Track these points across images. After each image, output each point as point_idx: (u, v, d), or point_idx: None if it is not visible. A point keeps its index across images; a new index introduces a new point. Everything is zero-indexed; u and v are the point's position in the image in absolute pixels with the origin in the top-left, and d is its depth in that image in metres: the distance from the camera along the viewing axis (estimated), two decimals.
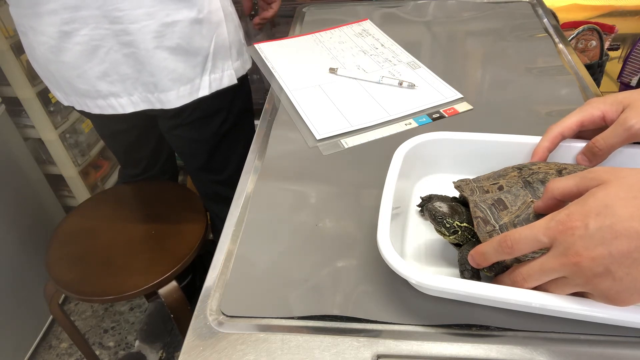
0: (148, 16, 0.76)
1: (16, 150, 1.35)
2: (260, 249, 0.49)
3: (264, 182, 0.58)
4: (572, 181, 0.37)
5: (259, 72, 0.93)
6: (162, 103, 0.86)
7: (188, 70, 0.83)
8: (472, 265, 0.41)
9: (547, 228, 0.35)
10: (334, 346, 0.40)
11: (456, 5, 0.97)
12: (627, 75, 1.39)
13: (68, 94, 0.88)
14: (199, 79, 0.85)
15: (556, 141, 0.49)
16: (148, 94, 0.85)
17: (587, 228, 0.33)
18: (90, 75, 0.82)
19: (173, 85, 0.84)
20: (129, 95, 0.85)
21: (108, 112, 0.87)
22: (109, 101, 0.86)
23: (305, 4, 1.05)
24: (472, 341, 0.40)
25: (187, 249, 0.96)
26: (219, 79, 0.88)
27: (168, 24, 0.77)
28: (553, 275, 0.36)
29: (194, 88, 0.86)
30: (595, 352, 0.38)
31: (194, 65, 0.83)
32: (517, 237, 0.36)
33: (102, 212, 1.09)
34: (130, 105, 0.86)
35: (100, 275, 0.94)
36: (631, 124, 0.44)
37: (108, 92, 0.84)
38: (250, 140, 1.06)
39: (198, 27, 0.80)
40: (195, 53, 0.82)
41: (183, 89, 0.85)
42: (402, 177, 0.49)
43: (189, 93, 0.86)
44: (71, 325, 1.11)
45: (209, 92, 0.87)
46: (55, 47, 0.79)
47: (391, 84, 0.74)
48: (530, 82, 0.72)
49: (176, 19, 0.78)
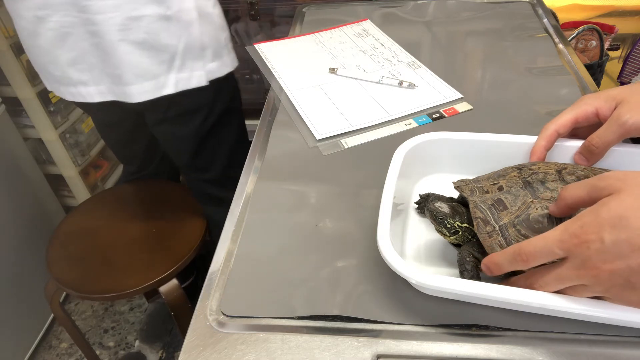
0: (114, 8, 0.76)
1: (16, 150, 1.35)
2: (260, 249, 0.50)
3: (264, 182, 0.58)
4: (584, 190, 0.36)
5: (259, 72, 0.93)
6: (126, 96, 0.85)
7: (153, 66, 0.82)
8: (487, 274, 0.40)
9: (561, 241, 0.34)
10: (334, 346, 0.40)
11: (456, 5, 0.97)
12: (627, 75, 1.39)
13: (47, 80, 0.90)
14: (165, 76, 0.84)
15: (552, 139, 0.48)
16: (113, 85, 0.85)
17: (602, 242, 0.32)
18: (61, 61, 0.83)
19: (136, 80, 0.83)
20: (96, 85, 0.86)
21: (78, 99, 0.88)
22: (78, 89, 0.87)
23: (305, 4, 1.05)
24: (472, 341, 0.40)
25: (187, 248, 0.96)
26: (187, 78, 0.86)
27: (134, 18, 0.77)
28: (570, 284, 0.36)
29: (158, 85, 0.84)
30: (595, 352, 0.38)
31: (160, 62, 0.82)
32: (531, 250, 0.36)
33: (102, 212, 1.09)
34: (98, 94, 0.87)
35: (101, 273, 0.95)
36: (625, 119, 0.44)
37: (77, 80, 0.85)
38: (238, 140, 1.05)
39: (166, 24, 0.80)
40: (161, 50, 0.81)
41: (147, 85, 0.84)
42: (402, 177, 0.49)
43: (152, 89, 0.84)
44: (72, 324, 1.11)
45: (174, 91, 0.86)
46: (32, 32, 0.81)
47: (391, 84, 0.74)
48: (530, 82, 0.72)
49: (143, 14, 0.77)
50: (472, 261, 0.42)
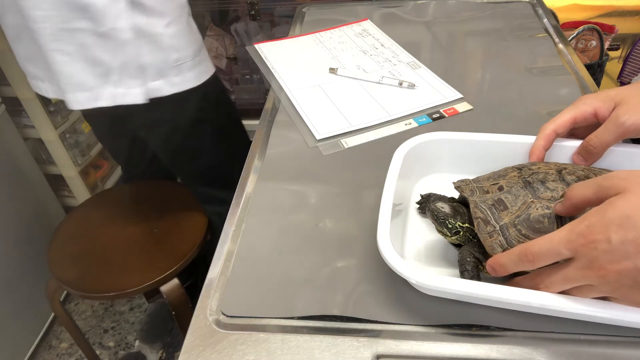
0: (46, 18, 0.76)
1: (16, 150, 1.35)
2: (260, 249, 0.50)
3: (264, 182, 0.58)
4: (591, 190, 0.36)
5: (259, 72, 0.93)
6: (66, 102, 0.85)
7: (88, 78, 0.81)
8: (491, 275, 0.40)
9: (568, 241, 0.34)
10: (334, 346, 0.40)
11: (456, 5, 0.97)
12: (627, 75, 1.39)
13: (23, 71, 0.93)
14: (99, 89, 0.83)
15: (551, 139, 0.48)
16: (58, 88, 0.86)
17: (609, 242, 0.32)
18: (20, 56, 0.87)
19: (72, 89, 0.83)
20: (50, 82, 0.87)
21: (39, 92, 0.91)
22: (36, 82, 0.90)
23: (305, 4, 1.05)
24: (472, 341, 0.40)
25: (188, 247, 0.96)
26: (123, 94, 0.85)
27: (66, 30, 0.77)
28: (577, 284, 0.36)
29: (93, 96, 0.84)
30: (595, 352, 0.38)
31: (95, 75, 0.82)
32: (537, 250, 0.36)
33: (103, 212, 1.09)
34: (52, 92, 0.88)
35: (101, 272, 0.95)
36: (623, 120, 0.44)
37: (34, 75, 0.88)
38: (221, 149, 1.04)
39: (99, 40, 0.78)
40: (96, 63, 0.80)
41: (81, 95, 0.83)
42: (402, 177, 0.49)
43: (87, 100, 0.84)
44: (72, 323, 1.11)
45: (112, 104, 0.85)
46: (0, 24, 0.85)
47: (391, 84, 0.74)
48: (530, 82, 0.72)
49: (75, 27, 0.77)
50: (473, 261, 0.42)
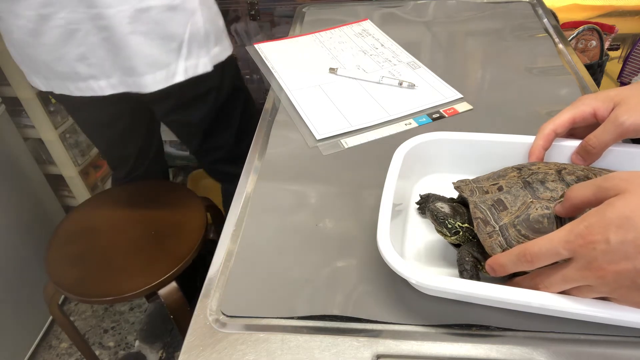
0: (123, 1, 0.78)
1: (16, 150, 1.35)
2: (260, 249, 0.50)
3: (264, 182, 0.58)
4: (590, 190, 0.36)
5: (259, 72, 0.93)
6: (139, 87, 0.88)
7: (163, 55, 0.85)
8: (491, 275, 0.40)
9: (567, 241, 0.34)
10: (334, 346, 0.40)
11: (456, 5, 0.97)
12: (627, 75, 1.39)
13: (48, 78, 0.90)
14: (175, 64, 0.87)
15: (550, 138, 0.49)
16: (126, 77, 0.87)
17: (608, 242, 0.32)
18: (69, 58, 0.84)
19: (149, 70, 0.86)
20: (107, 78, 0.87)
21: (88, 94, 0.89)
22: (88, 83, 0.88)
23: (305, 4, 1.05)
24: (472, 341, 0.40)
25: (187, 250, 0.96)
26: (194, 66, 0.90)
27: (142, 10, 0.79)
28: (576, 284, 0.36)
29: (170, 73, 0.87)
30: (595, 352, 0.38)
31: (169, 51, 0.85)
32: (536, 251, 0.36)
33: (101, 213, 1.08)
34: (109, 87, 0.88)
35: (100, 276, 0.94)
36: (622, 120, 0.44)
37: (87, 75, 0.86)
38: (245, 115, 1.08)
39: (172, 14, 0.82)
40: (169, 39, 0.84)
41: (159, 74, 0.87)
42: (402, 177, 0.49)
43: (164, 78, 0.87)
44: (71, 326, 1.11)
45: (184, 78, 0.89)
46: (34, 31, 0.81)
47: (391, 84, 0.74)
48: (530, 82, 0.72)
49: (150, 5, 0.79)
50: (472, 261, 0.42)
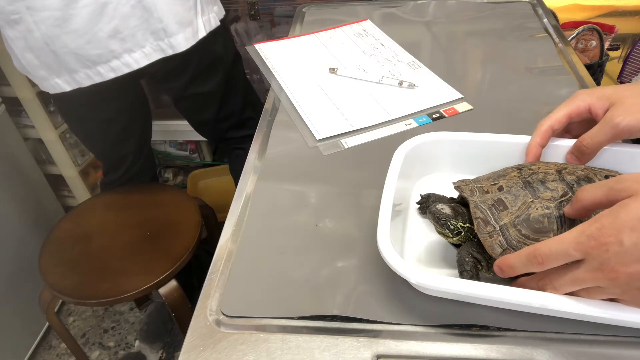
0: None
1: (16, 150, 1.35)
2: (260, 249, 0.50)
3: (264, 182, 0.58)
4: (601, 191, 0.36)
5: (259, 72, 0.93)
6: (173, 48, 0.92)
7: (186, 12, 0.92)
8: (499, 275, 0.40)
9: (578, 243, 0.34)
10: (334, 346, 0.40)
11: (456, 5, 0.97)
12: (627, 75, 1.39)
13: (75, 71, 0.90)
14: (195, 20, 0.94)
15: (547, 135, 0.48)
16: (159, 41, 0.91)
17: (621, 244, 0.32)
18: (101, 36, 0.86)
19: (180, 28, 0.91)
20: (141, 48, 0.91)
21: (124, 71, 0.92)
22: (123, 59, 0.91)
23: (305, 4, 1.05)
24: (472, 341, 0.40)
25: (184, 248, 0.96)
26: (208, 20, 0.97)
27: None
28: (585, 285, 0.35)
29: (194, 30, 0.94)
30: (595, 352, 0.38)
31: (189, 8, 0.92)
32: (547, 252, 0.36)
33: (95, 216, 1.08)
34: (144, 58, 0.92)
35: (97, 278, 0.93)
36: (617, 121, 0.44)
37: (121, 50, 0.89)
38: (246, 81, 1.16)
39: None
40: None
41: (188, 31, 0.93)
42: (402, 177, 0.49)
43: (192, 35, 0.94)
44: (66, 332, 1.10)
45: (205, 33, 0.96)
46: (61, 18, 0.82)
47: (391, 84, 0.74)
48: (530, 82, 0.72)
49: None
50: (472, 261, 0.42)
